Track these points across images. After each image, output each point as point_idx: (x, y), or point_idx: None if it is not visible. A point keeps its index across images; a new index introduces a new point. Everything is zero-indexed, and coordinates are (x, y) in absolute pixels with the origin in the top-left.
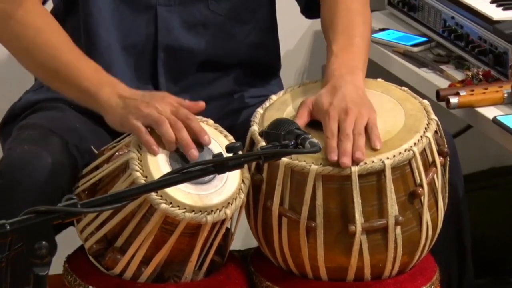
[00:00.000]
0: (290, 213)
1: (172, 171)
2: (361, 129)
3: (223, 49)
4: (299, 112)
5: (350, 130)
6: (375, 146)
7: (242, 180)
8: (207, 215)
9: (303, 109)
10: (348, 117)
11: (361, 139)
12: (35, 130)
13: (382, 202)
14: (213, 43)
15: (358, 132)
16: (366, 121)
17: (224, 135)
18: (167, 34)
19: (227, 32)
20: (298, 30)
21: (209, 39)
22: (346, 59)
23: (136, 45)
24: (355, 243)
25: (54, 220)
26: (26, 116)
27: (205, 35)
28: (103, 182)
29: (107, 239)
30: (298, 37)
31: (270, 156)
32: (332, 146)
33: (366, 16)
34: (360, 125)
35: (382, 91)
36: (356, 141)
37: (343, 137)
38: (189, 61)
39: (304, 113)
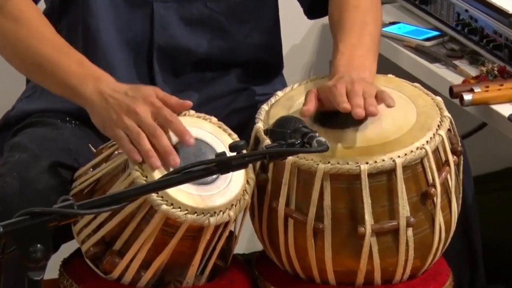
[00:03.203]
0: (297, 214)
1: (174, 171)
2: (371, 93)
3: (222, 49)
4: (307, 98)
5: (360, 93)
6: (388, 103)
7: (247, 180)
8: (209, 217)
9: (310, 95)
10: (355, 86)
11: (372, 98)
12: (26, 152)
13: (393, 203)
14: (210, 42)
15: (368, 95)
16: (374, 91)
17: (228, 133)
18: (163, 32)
19: (226, 31)
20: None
21: (207, 37)
22: (353, 58)
23: (132, 42)
24: (364, 245)
25: (49, 222)
26: (19, 130)
27: (203, 33)
28: (101, 182)
29: (105, 242)
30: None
31: (275, 155)
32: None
33: (377, 14)
34: (369, 91)
35: (393, 88)
36: (367, 100)
37: (353, 96)
38: (186, 60)
39: (312, 98)
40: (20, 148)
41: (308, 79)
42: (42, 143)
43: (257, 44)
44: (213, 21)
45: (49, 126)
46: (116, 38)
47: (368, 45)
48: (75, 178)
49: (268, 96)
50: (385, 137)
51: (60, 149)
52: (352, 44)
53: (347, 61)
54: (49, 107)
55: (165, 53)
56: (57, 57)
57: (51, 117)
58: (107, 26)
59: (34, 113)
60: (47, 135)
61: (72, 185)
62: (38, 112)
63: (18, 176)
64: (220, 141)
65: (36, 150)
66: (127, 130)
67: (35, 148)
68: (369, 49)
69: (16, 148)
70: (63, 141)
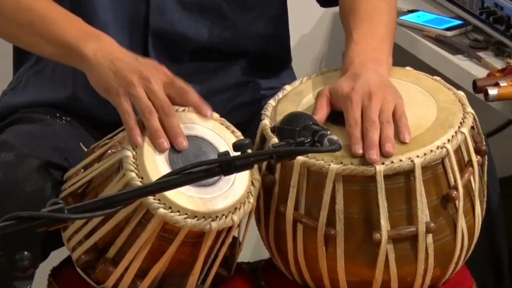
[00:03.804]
0: (306, 219)
1: (172, 172)
2: (388, 116)
3: (223, 37)
4: (317, 103)
5: (376, 117)
6: (403, 138)
7: (252, 182)
8: (211, 222)
9: (321, 100)
10: (372, 102)
11: (389, 128)
12: (12, 151)
13: (411, 207)
14: (211, 30)
15: (385, 119)
16: (393, 107)
17: (231, 131)
18: (159, 16)
19: (227, 19)
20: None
21: (207, 24)
22: (368, 48)
23: (127, 25)
24: (380, 253)
25: (38, 228)
26: (5, 126)
27: (202, 20)
28: (93, 184)
29: (97, 249)
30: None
31: (283, 155)
32: (356, 136)
33: (391, 2)
34: (387, 111)
35: (411, 81)
36: (384, 131)
37: (368, 125)
38: (183, 48)
39: (323, 103)
40: (6, 147)
41: (318, 72)
42: (30, 141)
43: (262, 33)
44: (213, 7)
45: (37, 122)
46: (111, 19)
47: (382, 36)
48: (65, 179)
49: (275, 90)
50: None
51: (50, 147)
52: (366, 34)
53: (362, 52)
54: (36, 99)
55: (161, 39)
56: (50, 13)
57: (39, 112)
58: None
59: (21, 108)
60: (35, 133)
61: (62, 187)
62: (25, 106)
63: (4, 177)
64: (223, 140)
65: (23, 149)
66: (137, 101)
67: (23, 147)
68: (384, 40)
69: (1, 147)
70: (53, 139)
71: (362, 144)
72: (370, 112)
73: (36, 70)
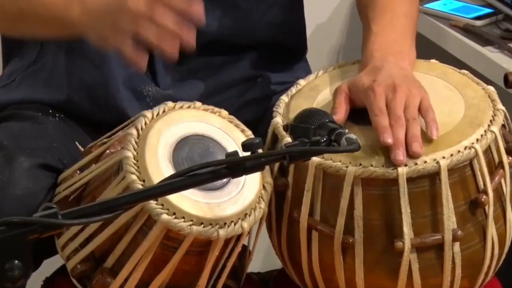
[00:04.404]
0: (322, 226)
1: (176, 174)
2: (414, 112)
3: (234, 29)
4: (335, 101)
5: (401, 111)
6: (431, 134)
7: (263, 185)
8: (219, 229)
9: (339, 97)
10: (397, 95)
11: (416, 125)
12: (1, 151)
13: (437, 213)
14: (221, 21)
15: (411, 116)
16: (418, 102)
17: (241, 129)
18: None
19: (240, 8)
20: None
21: (217, 15)
22: (388, 40)
23: None
24: (403, 263)
25: (29, 234)
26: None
27: (212, 10)
28: (89, 187)
29: (94, 258)
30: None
31: (297, 156)
32: (383, 125)
33: None
34: (412, 106)
35: (437, 75)
36: (410, 129)
37: (394, 121)
38: None
39: (342, 101)
40: None
41: (335, 65)
42: (20, 140)
43: (276, 23)
44: None
45: (29, 119)
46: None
47: (404, 27)
48: (59, 182)
49: (287, 85)
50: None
51: (42, 147)
52: (386, 25)
53: (382, 44)
54: (28, 97)
55: None
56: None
57: (30, 109)
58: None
59: (11, 104)
60: (26, 131)
61: (56, 190)
62: (16, 103)
63: None
64: (231, 139)
65: (13, 149)
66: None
67: (12, 146)
68: (405, 31)
69: None
70: (45, 138)
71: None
72: (395, 106)
73: (33, 69)
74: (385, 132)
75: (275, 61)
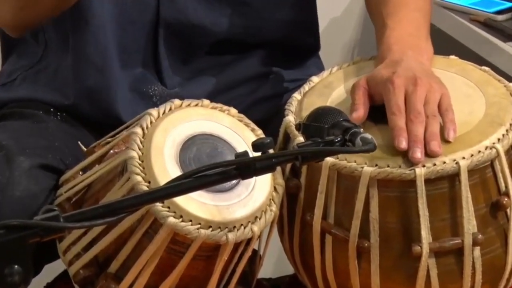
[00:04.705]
0: (336, 229)
1: (183, 175)
2: (434, 108)
3: (245, 27)
4: (354, 98)
5: (421, 107)
6: (448, 136)
7: (274, 187)
8: (228, 233)
9: (358, 92)
10: (418, 88)
11: (435, 123)
12: (1, 151)
13: (456, 216)
14: (231, 19)
15: (431, 112)
16: (439, 98)
17: (251, 128)
18: (171, 6)
19: (249, 5)
20: None
21: (226, 13)
22: (405, 34)
23: (134, 21)
24: (420, 268)
25: (29, 238)
26: None
27: (221, 8)
28: (93, 188)
29: (98, 263)
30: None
31: (309, 156)
32: (400, 127)
33: None
34: (433, 102)
35: (456, 72)
36: (430, 126)
37: (413, 117)
38: (199, 41)
39: (361, 97)
40: None
41: (350, 61)
42: (20, 140)
43: (288, 20)
44: None
45: (29, 118)
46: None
47: (419, 21)
48: (61, 183)
49: (300, 83)
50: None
51: (43, 147)
52: (401, 19)
53: (400, 38)
54: (28, 96)
55: (174, 32)
56: None
57: (31, 107)
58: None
59: (11, 102)
60: (26, 130)
61: (57, 192)
62: (16, 101)
63: None
64: (241, 138)
65: (12, 148)
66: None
67: (12, 146)
68: (420, 26)
69: None
70: (46, 137)
71: (408, 137)
72: (415, 100)
73: (36, 70)
74: (400, 135)
75: (286, 58)
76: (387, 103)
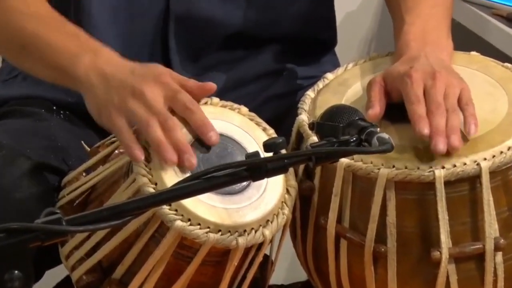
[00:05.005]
0: (351, 233)
1: (192, 176)
2: (454, 103)
3: (259, 21)
4: (370, 95)
5: (441, 99)
6: (469, 130)
7: (286, 189)
8: (238, 237)
9: (374, 89)
10: (436, 82)
11: (455, 117)
12: (1, 151)
13: (477, 220)
14: (245, 12)
15: (450, 106)
16: (458, 93)
17: (263, 128)
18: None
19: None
20: None
21: (240, 5)
22: (424, 30)
23: (142, 14)
24: (440, 275)
25: (30, 242)
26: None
27: (233, 1)
28: (97, 190)
29: (102, 269)
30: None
31: (324, 157)
32: (420, 114)
33: None
34: (452, 97)
35: (478, 69)
36: (449, 120)
37: (434, 108)
38: (210, 35)
39: (377, 93)
40: None
41: (366, 57)
42: (21, 139)
43: (304, 13)
44: None
45: (31, 116)
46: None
47: (439, 16)
48: (63, 184)
49: (314, 80)
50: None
51: (45, 146)
52: (421, 14)
53: (418, 34)
54: (29, 93)
55: (185, 26)
56: (44, 32)
57: (32, 105)
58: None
59: (12, 100)
60: (27, 128)
61: (59, 194)
62: (17, 99)
63: None
64: (252, 138)
65: (13, 148)
66: (132, 115)
67: (12, 145)
68: (441, 21)
69: None
70: (49, 136)
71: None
72: (435, 93)
73: None
74: (420, 122)
75: (301, 54)
76: (405, 95)
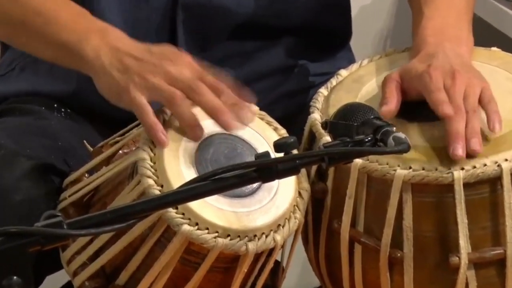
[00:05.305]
0: (366, 238)
1: (199, 178)
2: (474, 103)
3: (271, 10)
4: (385, 91)
5: (461, 100)
6: (493, 128)
7: (298, 191)
8: (248, 242)
9: (390, 85)
10: (456, 81)
11: (476, 119)
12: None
13: (498, 223)
14: (254, 0)
15: (471, 107)
16: (479, 92)
17: (273, 127)
18: None
19: None
20: None
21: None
22: (443, 24)
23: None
24: (459, 281)
25: (30, 246)
26: None
27: None
28: (100, 192)
29: (105, 274)
30: None
31: (337, 157)
32: (442, 99)
33: None
34: (472, 97)
35: (499, 65)
36: (470, 122)
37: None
38: (220, 25)
39: (393, 90)
40: None
41: (382, 53)
42: (20, 138)
43: (318, 3)
44: None
45: (31, 114)
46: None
47: (460, 10)
48: (65, 186)
49: (327, 76)
50: (487, 133)
51: (45, 146)
52: (440, 8)
53: (437, 29)
54: (30, 89)
55: (194, 14)
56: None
57: (33, 103)
58: None
59: (10, 97)
60: (27, 127)
61: (61, 195)
62: (16, 96)
63: None
64: (263, 138)
65: (12, 148)
66: (155, 91)
67: (11, 145)
68: (461, 15)
69: None
70: (49, 136)
71: None
72: (454, 93)
73: (35, 58)
74: (442, 105)
75: (315, 48)
76: (428, 96)
